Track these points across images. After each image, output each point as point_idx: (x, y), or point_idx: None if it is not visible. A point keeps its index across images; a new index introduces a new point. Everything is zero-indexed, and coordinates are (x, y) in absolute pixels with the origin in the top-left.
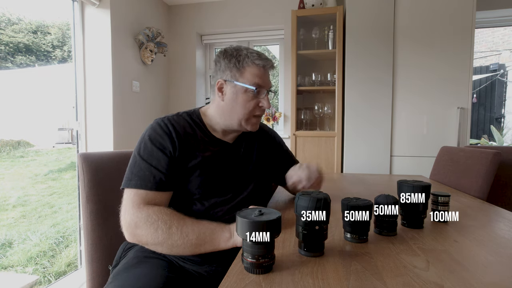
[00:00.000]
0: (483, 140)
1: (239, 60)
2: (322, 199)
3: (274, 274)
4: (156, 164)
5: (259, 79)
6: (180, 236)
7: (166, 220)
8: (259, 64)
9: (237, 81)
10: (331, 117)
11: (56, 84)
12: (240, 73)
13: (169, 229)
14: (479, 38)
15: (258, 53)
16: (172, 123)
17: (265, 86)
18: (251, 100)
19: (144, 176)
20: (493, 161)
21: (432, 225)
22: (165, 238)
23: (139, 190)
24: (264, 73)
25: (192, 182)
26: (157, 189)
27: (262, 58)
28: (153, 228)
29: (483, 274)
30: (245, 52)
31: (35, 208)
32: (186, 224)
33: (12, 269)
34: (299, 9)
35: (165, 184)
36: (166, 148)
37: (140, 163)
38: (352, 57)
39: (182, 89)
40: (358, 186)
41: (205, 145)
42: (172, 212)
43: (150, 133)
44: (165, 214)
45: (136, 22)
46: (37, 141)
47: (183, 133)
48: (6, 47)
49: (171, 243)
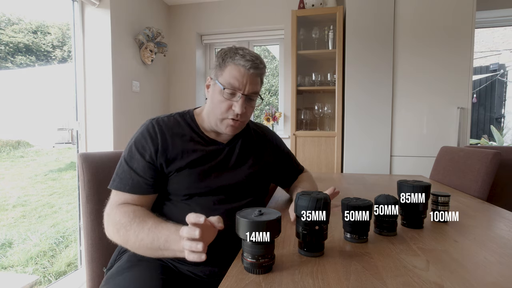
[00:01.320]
0: (483, 140)
1: (224, 59)
2: (322, 199)
3: (274, 274)
4: (136, 168)
5: (234, 81)
6: (136, 240)
7: (127, 222)
8: (239, 64)
9: (217, 79)
10: (331, 117)
11: (56, 84)
12: (221, 72)
13: (128, 231)
14: (479, 38)
15: (244, 54)
16: (160, 124)
17: (240, 89)
18: (224, 101)
19: (124, 178)
20: (493, 161)
21: (432, 225)
22: (125, 240)
23: (119, 192)
24: (243, 75)
25: (182, 182)
26: (134, 192)
27: (246, 59)
28: (116, 229)
29: (483, 274)
30: (232, 52)
31: (35, 208)
32: (144, 229)
33: (12, 269)
34: (299, 9)
35: (143, 187)
36: (146, 152)
37: (123, 165)
38: (352, 57)
39: (182, 89)
40: (358, 186)
41: (195, 145)
42: (138, 213)
43: (137, 136)
44: (128, 216)
45: (136, 22)
46: (37, 141)
47: (170, 134)
48: (6, 47)
49: (130, 245)
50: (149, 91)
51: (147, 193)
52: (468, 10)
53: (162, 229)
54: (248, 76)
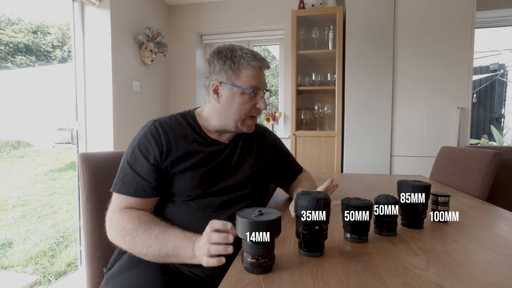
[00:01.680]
0: (483, 140)
1: (234, 61)
2: (322, 199)
3: (274, 274)
4: (140, 171)
5: (256, 81)
6: (143, 247)
7: (132, 229)
8: (254, 65)
9: (233, 83)
10: (331, 117)
11: (56, 84)
12: (236, 75)
13: (134, 238)
14: (479, 38)
15: (253, 54)
16: (162, 125)
17: (261, 88)
18: (248, 102)
19: (127, 182)
20: (493, 161)
21: (432, 225)
22: (131, 246)
23: (121, 195)
24: (259, 74)
25: (185, 183)
26: (138, 196)
27: (258, 59)
28: (121, 235)
29: (483, 274)
30: (240, 53)
31: (35, 208)
32: (151, 236)
33: (12, 269)
34: (299, 9)
35: (147, 191)
36: (150, 155)
37: (126, 167)
38: (352, 57)
39: (182, 89)
40: (358, 186)
41: (198, 146)
42: (144, 219)
43: (140, 138)
44: (133, 223)
45: (136, 22)
46: (37, 141)
47: (173, 135)
48: (6, 47)
49: (136, 251)
50: (149, 91)
51: (150, 196)
52: (468, 10)
53: (169, 235)
54: (263, 74)
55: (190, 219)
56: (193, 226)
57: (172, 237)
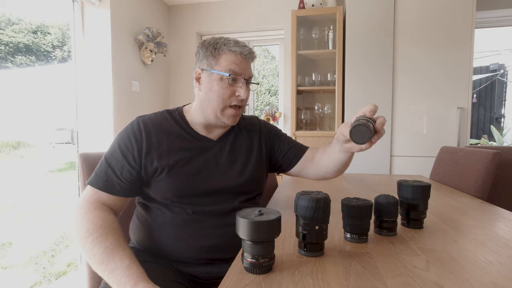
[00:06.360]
0: (483, 140)
1: (215, 47)
2: (322, 199)
3: (274, 274)
4: (114, 166)
5: (235, 66)
6: (89, 252)
7: (89, 229)
8: (235, 50)
9: (212, 69)
10: (331, 117)
11: (56, 84)
12: (216, 60)
13: (86, 238)
14: (479, 38)
15: (236, 41)
16: (146, 122)
17: (242, 74)
18: (226, 88)
19: (99, 175)
20: (493, 161)
21: (432, 225)
22: (81, 244)
23: (92, 188)
24: (241, 60)
25: (168, 184)
26: (106, 191)
27: (240, 45)
28: (77, 229)
29: (483, 274)
30: (222, 40)
31: (35, 208)
32: (100, 246)
33: (12, 269)
34: (299, 9)
35: (116, 189)
36: (129, 151)
37: (102, 161)
38: (352, 57)
39: (182, 89)
40: (358, 186)
41: (182, 142)
42: (103, 225)
43: (121, 134)
44: (93, 224)
45: (136, 22)
46: (37, 141)
47: (156, 131)
48: (6, 47)
49: (83, 252)
50: (149, 91)
51: (118, 195)
52: (468, 10)
53: (115, 256)
54: (245, 61)
55: (176, 221)
56: (177, 229)
57: (117, 260)
